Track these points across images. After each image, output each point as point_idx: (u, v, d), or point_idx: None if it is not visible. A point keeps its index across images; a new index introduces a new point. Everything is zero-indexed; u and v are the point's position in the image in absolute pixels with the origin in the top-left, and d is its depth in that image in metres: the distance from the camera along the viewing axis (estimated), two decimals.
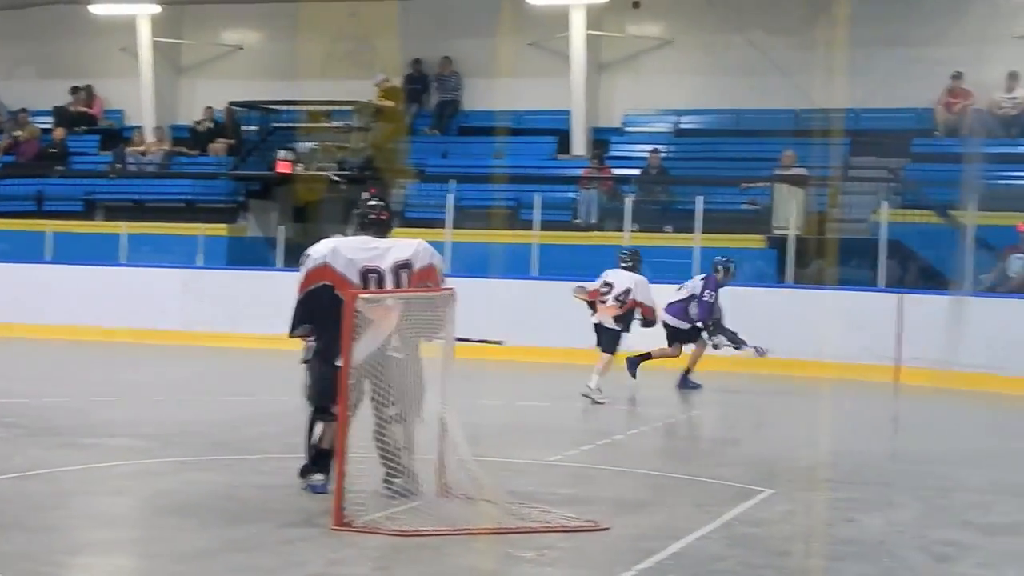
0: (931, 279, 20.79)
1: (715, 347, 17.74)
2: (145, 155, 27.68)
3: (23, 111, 29.24)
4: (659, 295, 16.87)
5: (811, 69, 24.35)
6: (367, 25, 26.35)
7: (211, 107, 27.67)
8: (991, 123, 20.10)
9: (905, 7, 24.64)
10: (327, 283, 9.43)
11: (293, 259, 23.56)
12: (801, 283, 20.54)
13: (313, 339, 9.74)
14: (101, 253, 24.41)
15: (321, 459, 9.57)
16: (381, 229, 9.84)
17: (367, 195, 10.22)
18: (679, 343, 17.84)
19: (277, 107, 26.50)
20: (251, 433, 13.03)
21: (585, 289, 16.82)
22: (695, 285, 17.88)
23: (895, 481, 11.53)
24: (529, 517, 9.09)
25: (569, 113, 26.05)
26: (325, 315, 9.34)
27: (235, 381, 18.35)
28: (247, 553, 8.13)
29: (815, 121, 23.86)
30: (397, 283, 9.50)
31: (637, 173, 24.31)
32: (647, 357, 17.70)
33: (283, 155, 24.98)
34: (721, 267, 17.92)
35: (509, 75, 25.98)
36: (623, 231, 22.16)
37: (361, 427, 9.32)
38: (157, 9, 27.96)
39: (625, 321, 16.47)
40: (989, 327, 18.49)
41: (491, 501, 9.17)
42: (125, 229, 24.82)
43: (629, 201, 22.60)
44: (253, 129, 26.86)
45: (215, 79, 28.49)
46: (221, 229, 25.18)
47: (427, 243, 9.83)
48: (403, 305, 9.26)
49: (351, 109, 25.67)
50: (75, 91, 29.25)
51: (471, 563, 8.11)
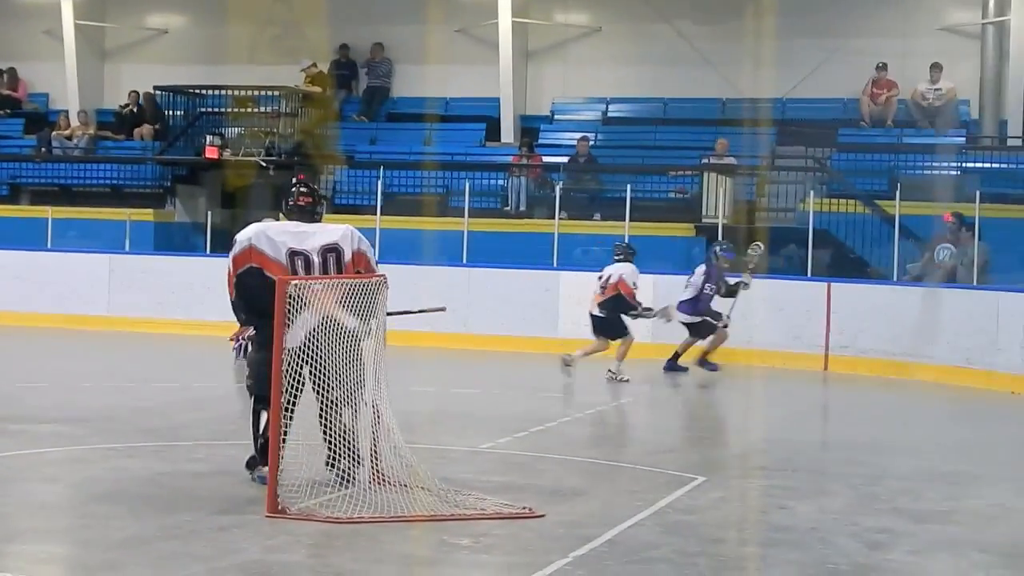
0: (858, 268, 20.95)
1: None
2: (70, 139, 27.41)
3: None
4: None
5: (738, 59, 24.44)
6: (295, 10, 26.20)
7: (136, 91, 27.41)
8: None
9: None
10: (254, 265, 9.37)
11: (220, 245, 23.52)
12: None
13: (245, 337, 9.65)
14: (26, 238, 24.16)
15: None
16: (306, 214, 9.78)
17: (295, 181, 10.16)
18: (699, 335, 18.32)
19: (203, 92, 26.29)
20: (180, 419, 12.94)
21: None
22: (697, 281, 18.29)
23: (826, 469, 11.62)
24: (464, 504, 9.09)
25: (498, 100, 26.03)
26: (257, 300, 9.29)
27: (163, 367, 18.22)
28: (181, 540, 8.08)
29: (742, 111, 24.00)
30: (324, 266, 9.45)
31: (566, 161, 24.33)
32: (677, 356, 18.40)
33: (211, 140, 24.80)
34: (717, 256, 18.35)
35: (437, 62, 25.93)
36: (552, 219, 22.17)
37: (307, 413, 9.30)
38: None
39: (610, 307, 17.41)
40: (916, 316, 18.64)
41: (426, 488, 9.15)
42: (51, 214, 24.58)
43: (558, 189, 22.62)
44: (179, 114, 26.63)
45: (140, 63, 28.21)
46: (148, 214, 24.97)
47: (354, 228, 9.80)
48: (339, 288, 9.22)
49: (278, 95, 25.53)
50: None
51: (406, 550, 8.11)
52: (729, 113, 24.77)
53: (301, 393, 9.17)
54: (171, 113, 26.71)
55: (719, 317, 18.11)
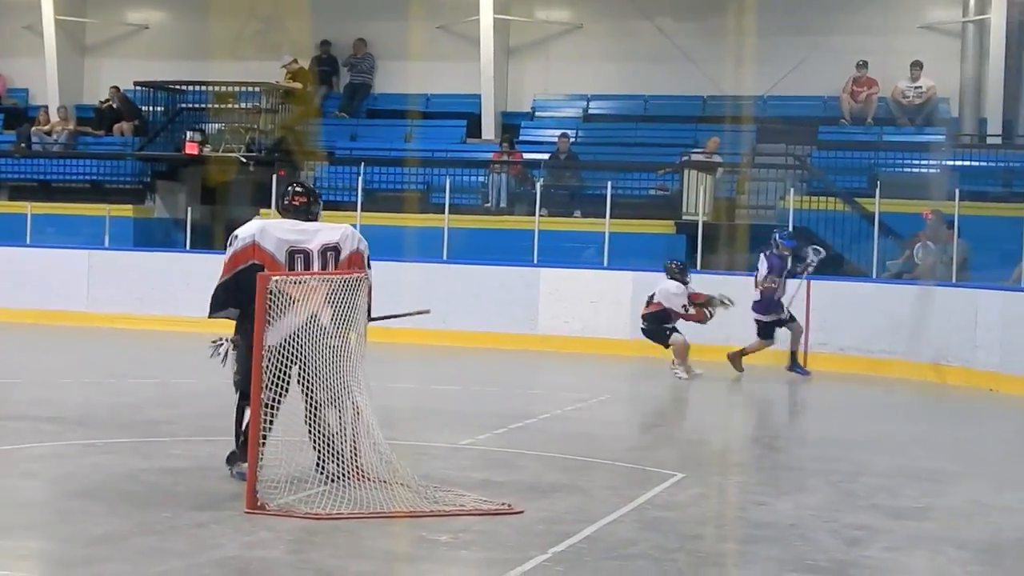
0: (837, 265, 20.98)
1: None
2: (50, 134, 27.36)
3: None
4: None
5: (719, 56, 24.51)
6: (276, 6, 26.18)
7: (117, 87, 27.37)
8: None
9: None
10: (256, 262, 9.35)
11: (200, 241, 23.57)
12: (710, 269, 20.65)
13: (225, 340, 9.64)
14: (6, 233, 24.12)
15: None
16: (301, 213, 9.77)
17: (291, 182, 10.20)
18: (768, 337, 18.21)
19: (184, 87, 26.25)
20: (159, 415, 12.92)
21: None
22: (761, 278, 18.15)
23: (805, 465, 11.64)
24: (443, 501, 9.08)
25: (479, 97, 26.03)
26: (255, 297, 9.26)
27: (142, 363, 18.19)
28: (159, 536, 8.06)
29: (723, 108, 24.04)
30: (324, 266, 9.45)
31: (546, 158, 24.34)
32: (743, 353, 18.21)
33: (191, 136, 24.77)
34: (777, 245, 18.23)
35: (419, 58, 25.93)
36: (533, 215, 22.17)
37: (289, 412, 9.29)
38: None
39: (652, 319, 17.93)
40: (896, 313, 18.69)
41: (405, 485, 9.15)
42: (30, 209, 24.52)
43: (539, 185, 22.63)
44: (159, 110, 26.60)
45: (121, 59, 28.17)
46: (127, 210, 24.94)
47: (353, 227, 9.81)
48: (327, 286, 9.21)
49: (259, 91, 25.50)
50: None
51: (386, 546, 8.10)
52: (710, 110, 24.82)
53: (287, 392, 9.16)
54: (151, 109, 26.65)
55: (785, 314, 18.10)
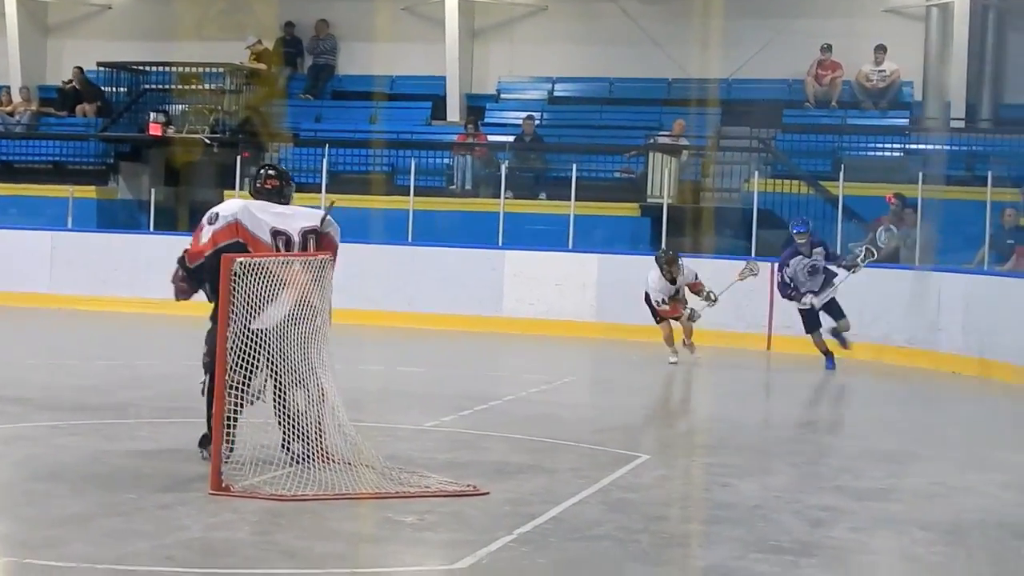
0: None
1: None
2: (12, 115, 27.19)
3: None
4: None
5: (684, 39, 24.52)
6: None
7: (80, 67, 27.20)
8: None
9: None
10: (239, 241, 9.32)
11: (164, 222, 23.48)
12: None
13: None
14: None
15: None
16: (274, 196, 9.76)
17: (266, 167, 10.19)
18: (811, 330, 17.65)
19: (147, 68, 26.12)
20: (123, 397, 12.88)
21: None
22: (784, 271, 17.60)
23: (769, 447, 11.69)
24: (408, 482, 9.10)
25: (444, 79, 25.97)
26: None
27: (105, 345, 18.13)
28: (124, 517, 8.05)
29: (688, 91, 24.05)
30: (305, 248, 9.45)
31: (511, 140, 24.32)
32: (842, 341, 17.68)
33: (155, 117, 24.66)
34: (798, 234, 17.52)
35: (384, 40, 25.86)
36: (498, 198, 22.16)
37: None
38: None
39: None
40: (858, 296, 18.73)
41: (370, 466, 9.16)
42: None
43: (504, 168, 22.61)
44: (123, 90, 26.46)
45: (84, 39, 27.98)
46: (90, 191, 24.81)
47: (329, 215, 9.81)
48: (288, 267, 9.21)
49: (223, 72, 25.40)
50: None
51: (351, 528, 8.11)
52: (675, 93, 24.81)
53: (257, 373, 9.15)
54: (114, 90, 26.52)
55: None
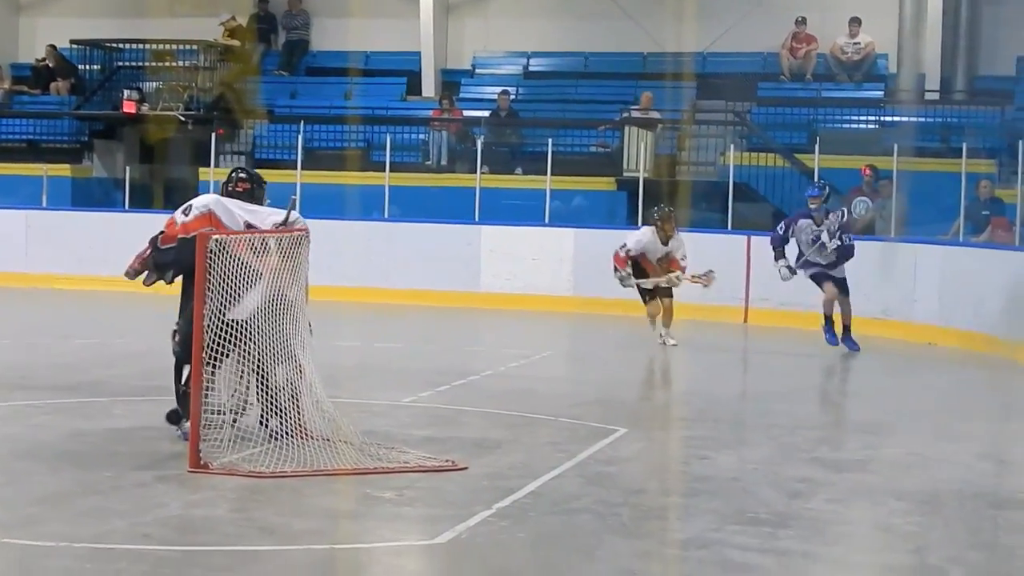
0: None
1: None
2: None
3: None
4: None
5: (659, 13, 24.47)
6: None
7: (53, 45, 27.07)
8: None
9: None
10: (213, 230, 9.32)
11: (139, 200, 23.40)
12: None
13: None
14: None
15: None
16: (245, 198, 9.81)
17: (237, 171, 10.25)
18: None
19: (121, 46, 26.01)
20: (99, 376, 12.86)
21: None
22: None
23: (746, 420, 11.74)
24: (387, 458, 9.13)
25: (419, 54, 25.91)
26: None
27: (81, 324, 18.08)
28: (102, 496, 8.06)
29: (663, 65, 24.02)
30: (279, 243, 9.46)
31: (487, 115, 24.29)
32: (845, 328, 16.55)
33: (129, 95, 24.56)
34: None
35: (358, 15, 25.78)
36: (474, 173, 22.13)
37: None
38: None
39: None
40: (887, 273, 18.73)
41: (348, 442, 9.17)
42: None
43: (479, 143, 22.58)
44: (96, 68, 26.35)
45: (56, 17, 27.82)
46: (65, 170, 24.69)
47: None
48: (277, 247, 9.24)
49: (197, 49, 25.31)
50: None
51: (329, 504, 8.12)
52: (650, 67, 24.78)
53: (228, 353, 9.15)
54: (88, 67, 26.40)
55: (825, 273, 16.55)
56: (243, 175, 10.09)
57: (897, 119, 22.82)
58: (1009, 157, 19.57)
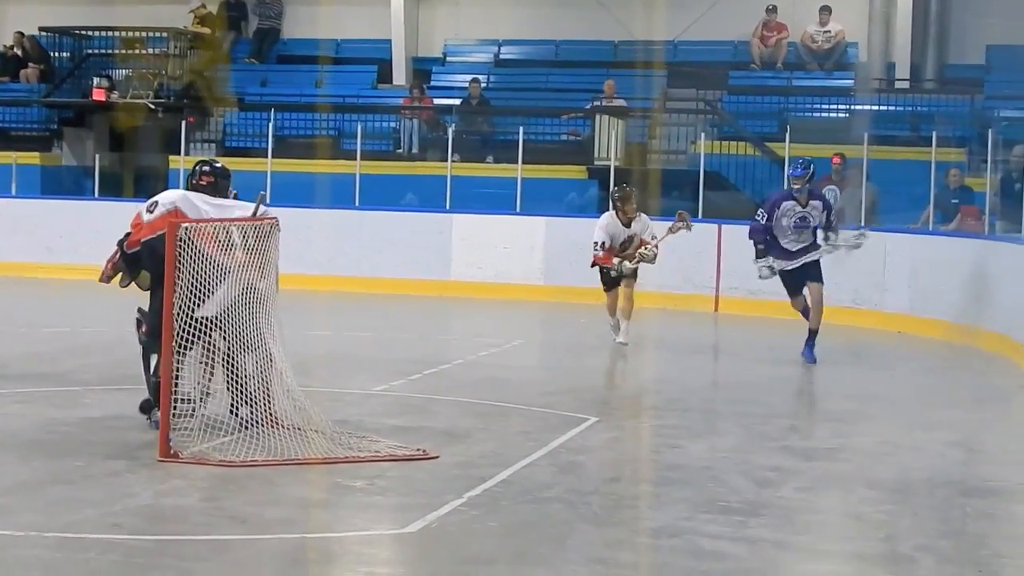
0: (749, 210, 21.04)
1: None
2: None
3: None
4: None
5: (630, 1, 24.50)
6: None
7: (21, 32, 26.94)
8: None
9: None
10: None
11: (109, 188, 23.32)
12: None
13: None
14: None
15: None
16: (209, 191, 9.77)
17: (201, 164, 10.20)
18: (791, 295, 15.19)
19: (90, 33, 25.91)
20: (70, 365, 12.81)
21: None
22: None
23: (717, 408, 11.76)
24: (358, 447, 9.12)
25: (390, 42, 25.87)
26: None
27: (52, 312, 18.01)
28: (73, 485, 8.03)
29: (634, 53, 24.03)
30: (244, 239, 9.43)
31: (458, 103, 24.26)
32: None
33: (98, 82, 24.47)
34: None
35: (328, 3, 25.72)
36: (445, 161, 22.11)
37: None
38: None
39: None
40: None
41: (319, 431, 9.16)
42: None
43: (450, 131, 22.55)
44: (66, 55, 26.24)
45: (25, 4, 27.70)
46: (34, 158, 24.58)
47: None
48: (242, 238, 9.21)
49: (167, 36, 25.22)
50: None
51: (300, 493, 8.11)
52: (621, 55, 24.80)
53: (197, 339, 9.14)
54: (57, 55, 26.29)
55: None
56: (207, 168, 10.05)
57: (867, 108, 22.86)
58: (979, 146, 19.66)
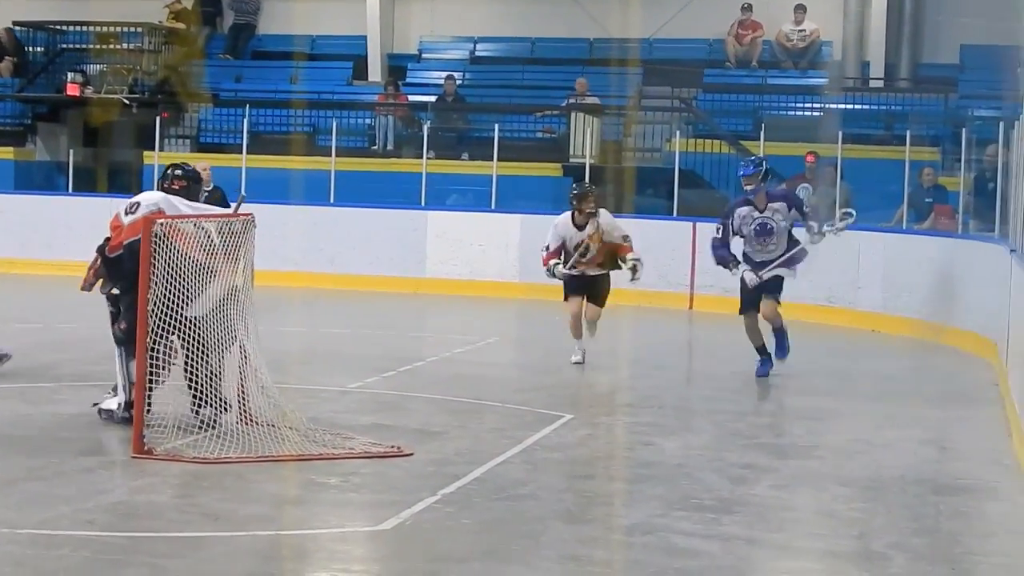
0: (723, 208, 21.07)
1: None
2: None
3: None
4: None
5: None
6: None
7: None
8: None
9: None
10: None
11: (83, 183, 23.24)
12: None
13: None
14: None
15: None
16: (182, 195, 9.75)
17: (169, 165, 10.23)
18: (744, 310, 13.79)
19: (64, 27, 25.84)
20: (43, 360, 12.77)
21: None
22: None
23: (691, 406, 11.78)
24: (332, 444, 9.12)
25: (365, 39, 25.84)
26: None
27: (25, 308, 17.92)
28: (46, 482, 8.01)
29: (609, 50, 24.04)
30: (222, 238, 9.43)
31: (433, 100, 24.25)
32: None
33: (72, 77, 24.40)
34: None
35: None
36: (420, 158, 22.10)
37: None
38: None
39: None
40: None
41: (294, 428, 9.16)
42: None
43: (426, 128, 22.54)
44: (40, 50, 26.16)
45: None
46: (8, 152, 24.52)
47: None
48: (222, 242, 9.23)
49: (141, 31, 25.17)
50: None
51: (274, 490, 8.11)
52: (596, 53, 24.81)
53: (170, 339, 9.14)
54: (31, 49, 26.20)
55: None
56: (179, 172, 10.04)
57: (841, 106, 22.92)
58: (952, 145, 19.71)
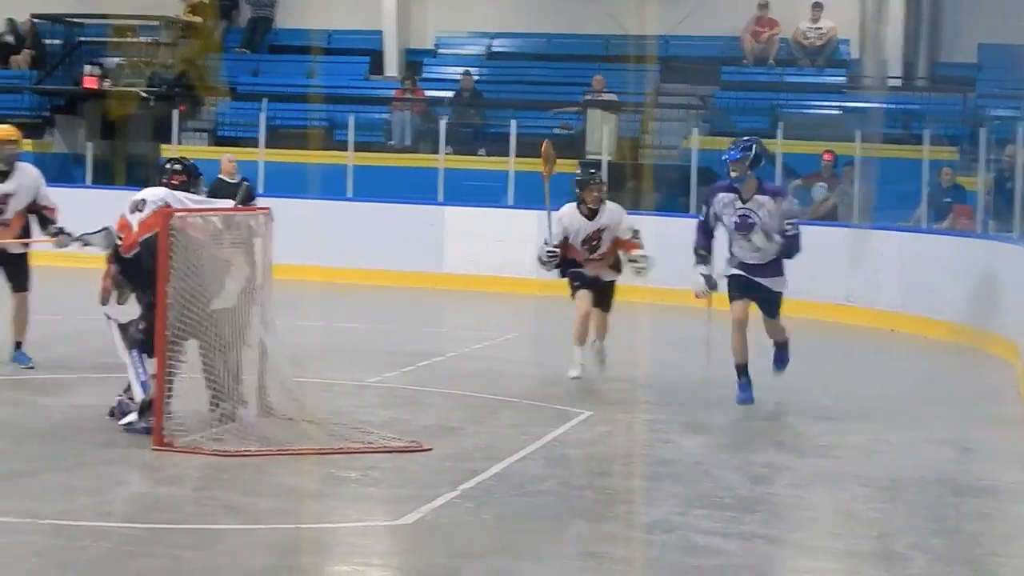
0: None
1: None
2: None
3: None
4: None
5: None
6: None
7: (13, 19, 26.88)
8: None
9: None
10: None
11: (101, 176, 23.26)
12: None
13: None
14: None
15: None
16: (181, 190, 9.73)
17: (167, 159, 10.22)
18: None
19: (82, 20, 25.87)
20: (62, 353, 12.83)
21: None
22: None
23: (711, 404, 11.76)
24: (351, 438, 9.13)
25: (381, 33, 25.85)
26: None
27: (43, 300, 17.87)
28: (67, 473, 8.04)
29: (626, 47, 24.01)
30: (234, 232, 9.45)
31: (450, 95, 24.25)
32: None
33: (90, 70, 24.43)
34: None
35: None
36: (437, 153, 22.09)
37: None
38: None
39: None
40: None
41: (313, 422, 9.17)
42: None
43: (442, 123, 22.53)
44: (58, 43, 26.19)
45: None
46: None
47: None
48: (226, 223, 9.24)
49: (159, 24, 25.20)
50: None
51: (294, 483, 8.11)
52: (613, 50, 24.77)
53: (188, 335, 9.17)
54: (49, 42, 26.23)
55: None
56: (177, 167, 9.95)
57: (859, 105, 22.88)
58: (970, 144, 19.66)
